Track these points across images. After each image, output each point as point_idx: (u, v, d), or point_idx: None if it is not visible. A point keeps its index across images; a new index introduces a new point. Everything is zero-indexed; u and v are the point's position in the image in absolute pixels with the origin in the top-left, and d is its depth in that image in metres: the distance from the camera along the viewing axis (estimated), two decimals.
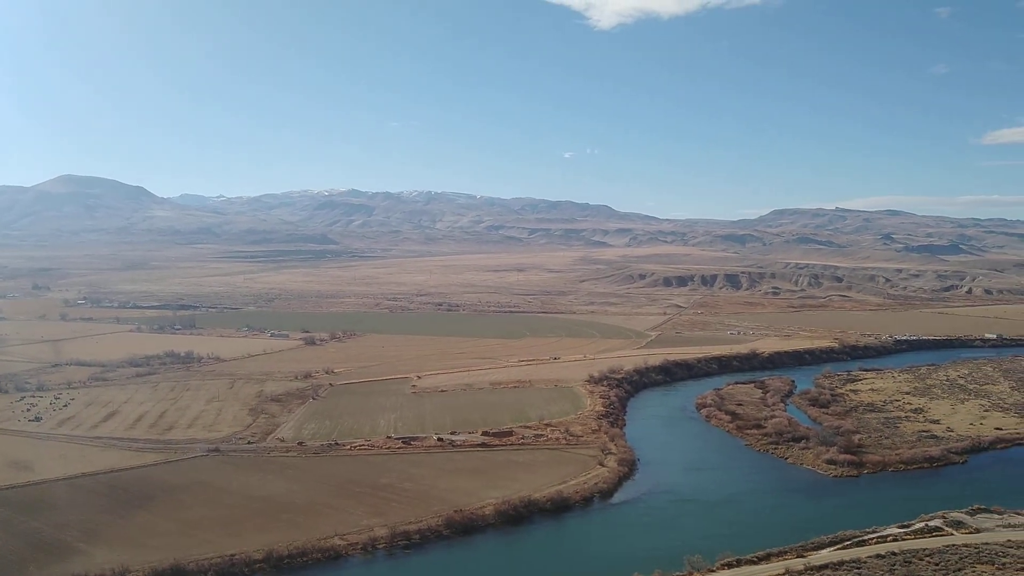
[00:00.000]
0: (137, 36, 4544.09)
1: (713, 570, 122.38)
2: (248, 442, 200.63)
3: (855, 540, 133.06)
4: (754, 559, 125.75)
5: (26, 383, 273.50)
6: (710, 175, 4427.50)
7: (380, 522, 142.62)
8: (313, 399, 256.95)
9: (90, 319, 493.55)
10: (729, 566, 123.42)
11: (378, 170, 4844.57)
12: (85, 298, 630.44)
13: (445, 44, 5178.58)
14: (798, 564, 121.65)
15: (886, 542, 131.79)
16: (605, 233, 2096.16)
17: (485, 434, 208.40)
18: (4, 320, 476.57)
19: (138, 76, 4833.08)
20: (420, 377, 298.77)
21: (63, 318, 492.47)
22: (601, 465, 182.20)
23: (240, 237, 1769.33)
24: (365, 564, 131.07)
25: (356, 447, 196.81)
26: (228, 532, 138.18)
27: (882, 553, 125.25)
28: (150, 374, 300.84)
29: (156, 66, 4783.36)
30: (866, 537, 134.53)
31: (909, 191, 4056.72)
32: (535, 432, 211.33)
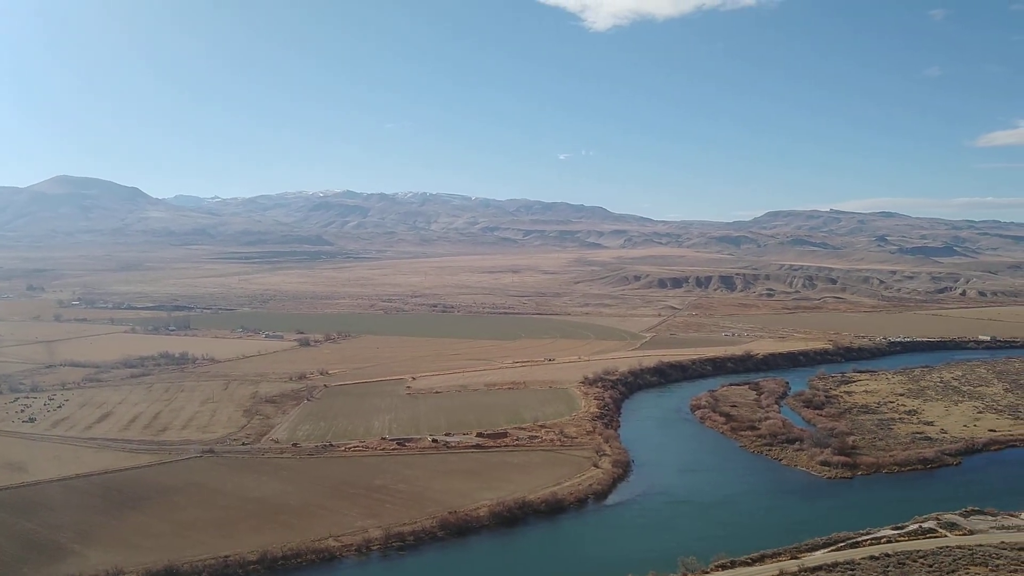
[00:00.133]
0: (132, 36, 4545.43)
1: (707, 571, 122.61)
2: (242, 443, 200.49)
3: (849, 542, 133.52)
4: (748, 560, 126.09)
5: (20, 384, 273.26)
6: (705, 176, 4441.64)
7: (374, 523, 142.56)
8: (308, 400, 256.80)
9: (84, 320, 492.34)
10: (723, 567, 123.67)
11: (373, 171, 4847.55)
12: (80, 299, 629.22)
13: (440, 46, 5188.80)
14: (792, 566, 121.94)
15: (880, 544, 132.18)
16: (600, 235, 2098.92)
17: (480, 435, 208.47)
18: None
19: (134, 77, 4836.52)
20: (415, 378, 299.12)
21: (57, 319, 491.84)
22: (595, 466, 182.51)
23: (235, 238, 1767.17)
24: (359, 565, 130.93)
25: (350, 448, 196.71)
26: (222, 533, 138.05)
27: (876, 555, 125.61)
28: (144, 375, 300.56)
29: (152, 67, 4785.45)
30: (860, 539, 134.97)
31: (903, 193, 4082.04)
32: (530, 433, 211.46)
